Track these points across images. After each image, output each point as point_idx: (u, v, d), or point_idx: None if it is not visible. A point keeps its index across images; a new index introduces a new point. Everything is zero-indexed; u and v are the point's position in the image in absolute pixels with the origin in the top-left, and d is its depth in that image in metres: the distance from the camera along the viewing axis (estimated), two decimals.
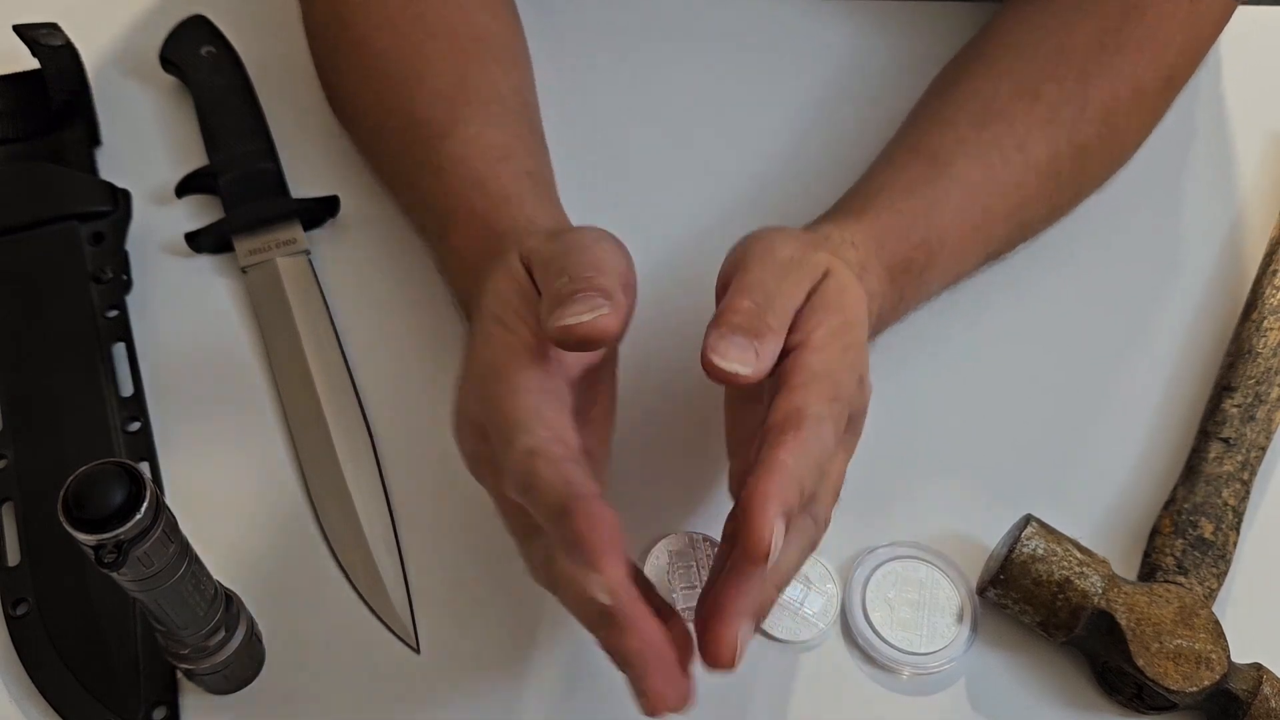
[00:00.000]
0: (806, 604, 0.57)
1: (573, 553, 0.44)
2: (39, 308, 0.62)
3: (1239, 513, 0.58)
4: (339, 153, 0.68)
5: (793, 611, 0.56)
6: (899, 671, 0.56)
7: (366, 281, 0.66)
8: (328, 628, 0.56)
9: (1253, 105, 0.72)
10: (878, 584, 0.57)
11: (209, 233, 0.66)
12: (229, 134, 0.69)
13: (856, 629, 0.56)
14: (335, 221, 0.68)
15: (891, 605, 0.57)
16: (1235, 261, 0.69)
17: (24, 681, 0.53)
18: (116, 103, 0.71)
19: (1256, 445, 0.59)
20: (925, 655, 0.56)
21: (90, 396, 0.59)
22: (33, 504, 0.57)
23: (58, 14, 0.69)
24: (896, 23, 0.77)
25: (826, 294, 0.50)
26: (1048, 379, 0.64)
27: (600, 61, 0.74)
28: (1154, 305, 0.67)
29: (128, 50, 0.73)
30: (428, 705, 0.54)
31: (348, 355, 0.63)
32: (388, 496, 0.59)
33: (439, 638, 0.56)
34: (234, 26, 0.73)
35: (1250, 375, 0.61)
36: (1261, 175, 0.72)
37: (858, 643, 0.56)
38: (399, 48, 0.63)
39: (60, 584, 0.55)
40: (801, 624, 0.56)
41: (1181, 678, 0.52)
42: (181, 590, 0.46)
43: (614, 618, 0.43)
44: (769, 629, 0.56)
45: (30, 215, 0.64)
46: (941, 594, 0.57)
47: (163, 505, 0.43)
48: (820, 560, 0.57)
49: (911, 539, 0.59)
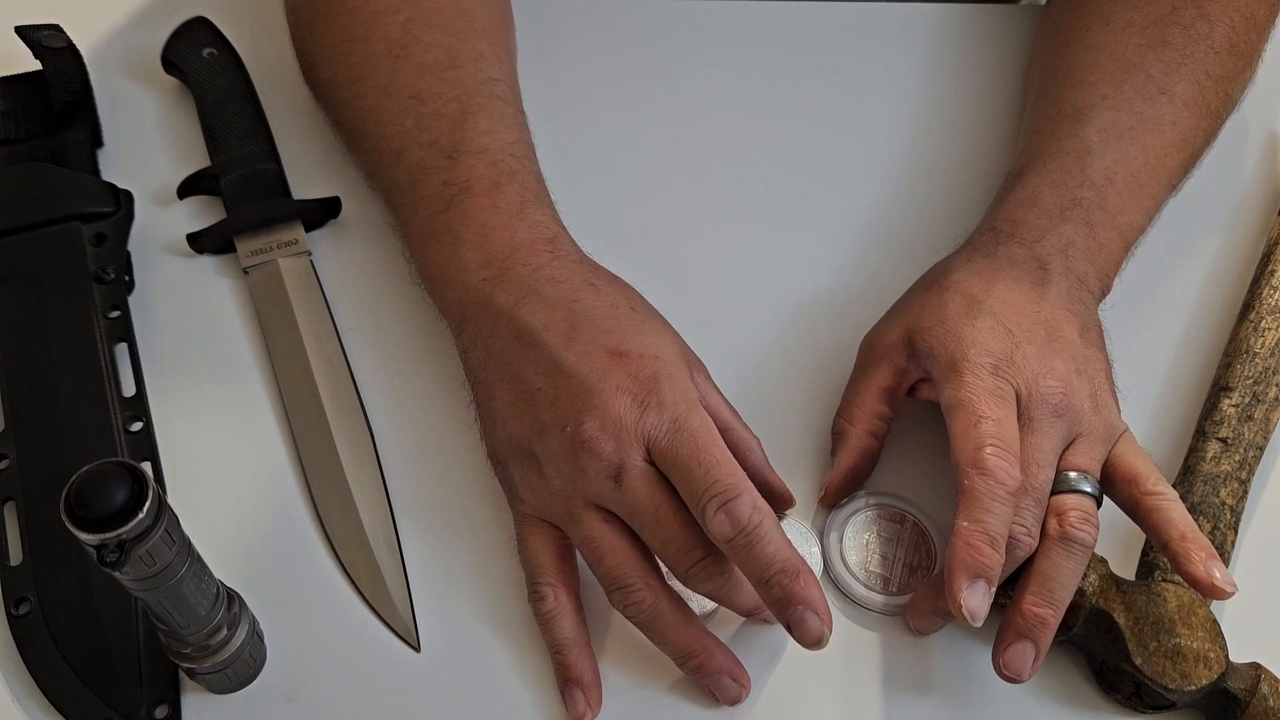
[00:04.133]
0: None
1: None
2: (41, 308, 0.62)
3: (1237, 512, 0.58)
4: (340, 154, 0.68)
5: None
6: (874, 613, 0.57)
7: (368, 282, 0.66)
8: (329, 626, 0.56)
9: (1252, 105, 0.72)
10: (854, 528, 0.59)
11: (211, 233, 0.66)
12: (231, 135, 0.69)
13: (834, 572, 0.58)
14: (337, 222, 0.68)
15: (867, 548, 0.58)
16: (1233, 261, 0.69)
17: (26, 680, 0.54)
18: (118, 104, 0.71)
19: (1254, 445, 0.60)
20: (900, 598, 0.57)
21: (92, 396, 0.60)
22: (35, 503, 0.57)
23: (60, 16, 0.69)
24: (897, 27, 0.77)
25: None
26: None
27: (597, 75, 0.74)
28: (1152, 305, 0.67)
29: (130, 52, 0.74)
30: (428, 705, 0.54)
31: (349, 356, 0.63)
32: (388, 496, 0.59)
33: (439, 637, 0.56)
34: (235, 28, 0.73)
35: (1248, 375, 0.61)
36: (1261, 175, 0.72)
37: (836, 585, 0.58)
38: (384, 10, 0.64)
39: (62, 583, 0.55)
40: None
41: (1179, 676, 0.52)
42: (183, 589, 0.47)
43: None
44: None
45: (32, 216, 0.64)
46: (917, 540, 0.59)
47: (165, 505, 0.43)
48: (800, 524, 0.59)
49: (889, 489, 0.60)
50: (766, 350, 0.64)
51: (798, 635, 0.51)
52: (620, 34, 0.76)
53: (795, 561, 0.50)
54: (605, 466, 0.51)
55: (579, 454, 0.52)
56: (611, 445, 0.51)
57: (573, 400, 0.52)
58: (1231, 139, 0.72)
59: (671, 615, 0.52)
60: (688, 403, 0.53)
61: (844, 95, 0.74)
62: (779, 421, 0.61)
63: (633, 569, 0.52)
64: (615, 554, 0.52)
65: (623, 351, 0.54)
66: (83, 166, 0.68)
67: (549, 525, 0.55)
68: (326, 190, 0.68)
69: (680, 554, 0.51)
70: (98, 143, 0.70)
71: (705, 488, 0.50)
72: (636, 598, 0.52)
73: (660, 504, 0.51)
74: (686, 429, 0.51)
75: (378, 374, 0.63)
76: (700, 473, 0.50)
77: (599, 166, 0.70)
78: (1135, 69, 0.64)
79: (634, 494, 0.51)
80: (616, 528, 0.53)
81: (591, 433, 0.52)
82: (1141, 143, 0.63)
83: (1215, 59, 0.65)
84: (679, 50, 0.76)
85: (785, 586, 0.50)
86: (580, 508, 0.53)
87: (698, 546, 0.51)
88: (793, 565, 0.50)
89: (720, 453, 0.51)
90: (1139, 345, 0.65)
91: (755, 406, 0.59)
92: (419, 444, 0.61)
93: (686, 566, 0.51)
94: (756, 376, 0.63)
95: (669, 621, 0.52)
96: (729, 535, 0.50)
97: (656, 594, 0.52)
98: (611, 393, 0.52)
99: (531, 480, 0.54)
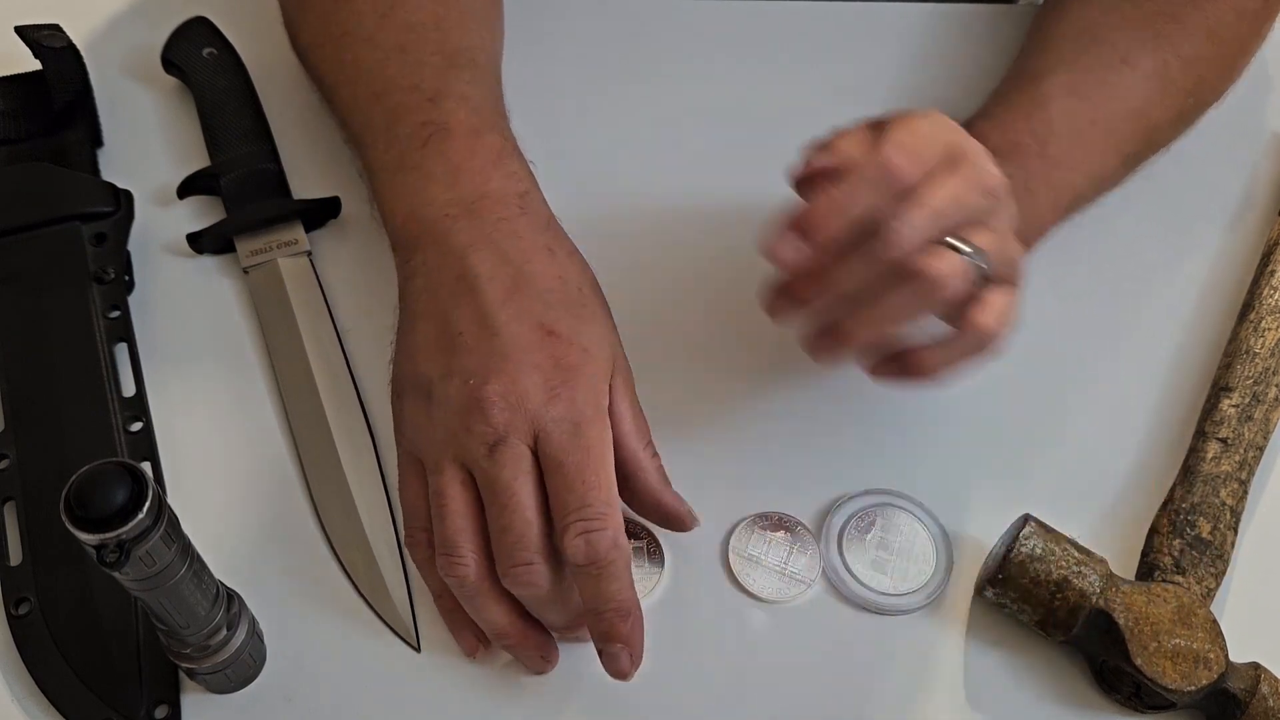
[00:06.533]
0: (790, 563, 0.58)
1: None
2: (41, 308, 0.62)
3: (1237, 512, 0.58)
4: (340, 154, 0.68)
5: (779, 572, 0.57)
6: (872, 611, 0.57)
7: (367, 282, 0.66)
8: (329, 626, 0.56)
9: (1253, 105, 0.72)
10: (854, 526, 0.59)
11: (211, 233, 0.66)
12: (231, 135, 0.69)
13: (833, 571, 0.58)
14: (336, 222, 0.68)
15: (866, 546, 0.58)
16: (1233, 261, 0.69)
17: (26, 680, 0.54)
18: (118, 104, 0.71)
19: (1254, 445, 0.60)
20: (899, 596, 0.57)
21: (92, 396, 0.60)
22: (35, 503, 0.57)
23: (60, 16, 0.69)
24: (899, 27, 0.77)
25: None
26: (1046, 378, 0.64)
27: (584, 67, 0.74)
28: (1152, 305, 0.67)
29: (130, 52, 0.74)
30: (428, 704, 0.54)
31: (349, 355, 0.63)
32: (389, 496, 0.59)
33: (439, 637, 0.56)
34: (235, 28, 0.73)
35: (1248, 375, 0.61)
36: (1261, 175, 0.72)
37: (833, 583, 0.58)
38: None
39: (62, 583, 0.55)
40: (788, 583, 0.57)
41: (1179, 676, 0.52)
42: (183, 589, 0.47)
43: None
44: (756, 591, 0.57)
45: (32, 216, 0.64)
46: (916, 537, 0.58)
47: (165, 505, 0.43)
48: (801, 523, 0.59)
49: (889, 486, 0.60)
50: (737, 346, 0.64)
51: (607, 666, 0.52)
52: (618, 30, 0.76)
53: (631, 603, 0.51)
54: (488, 432, 0.51)
55: (470, 410, 0.51)
56: (504, 416, 0.51)
57: (487, 358, 0.52)
58: (1232, 139, 0.72)
59: (491, 594, 0.52)
60: (595, 410, 0.52)
61: (844, 95, 0.74)
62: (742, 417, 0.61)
63: (467, 539, 0.51)
64: (457, 518, 0.52)
65: (554, 331, 0.53)
66: (83, 166, 0.68)
67: (424, 467, 0.54)
68: (326, 190, 0.68)
69: (513, 548, 0.51)
70: (98, 143, 0.70)
71: (576, 507, 0.50)
72: (460, 569, 0.51)
73: (520, 493, 0.51)
74: (583, 437, 0.51)
75: (377, 373, 0.63)
76: (579, 489, 0.50)
77: (588, 159, 0.70)
78: (1101, 40, 0.65)
79: (501, 470, 0.51)
80: (470, 494, 0.52)
81: (491, 396, 0.51)
82: (1092, 102, 0.63)
83: (1188, 40, 0.65)
84: (675, 48, 0.76)
85: (613, 624, 0.51)
86: (447, 460, 0.52)
87: (531, 549, 0.51)
88: (627, 607, 0.51)
89: (604, 476, 0.51)
90: (1139, 345, 0.65)
91: (731, 398, 0.59)
92: None
93: (512, 564, 0.51)
94: (724, 372, 0.63)
95: (487, 600, 0.52)
96: (581, 562, 0.50)
97: (481, 572, 0.52)
98: (526, 367, 0.52)
99: (417, 418, 0.54)
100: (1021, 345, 0.65)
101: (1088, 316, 0.66)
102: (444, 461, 0.52)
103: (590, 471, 0.51)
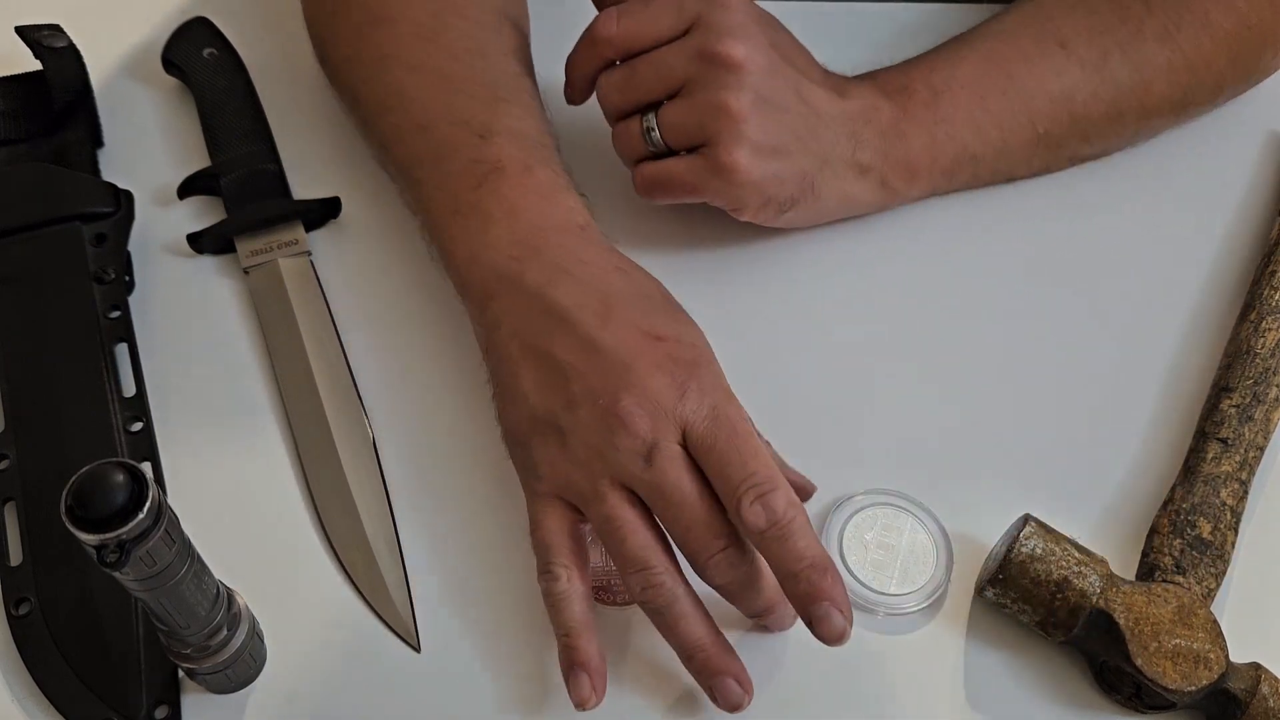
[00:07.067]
0: None
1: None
2: (41, 308, 0.62)
3: (1237, 513, 0.58)
4: (341, 154, 0.68)
5: None
6: (873, 612, 0.57)
7: (368, 282, 0.66)
8: (329, 627, 0.56)
9: (1253, 105, 0.72)
10: (855, 527, 0.59)
11: (211, 234, 0.66)
12: (231, 135, 0.69)
13: None
14: (337, 222, 0.68)
15: (866, 547, 0.58)
16: (1234, 261, 0.69)
17: (26, 680, 0.54)
18: (119, 104, 0.71)
19: (1254, 445, 0.60)
20: (899, 596, 0.57)
21: (92, 396, 0.60)
22: (35, 503, 0.57)
23: (60, 16, 0.69)
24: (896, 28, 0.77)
25: None
26: (1046, 379, 0.64)
27: None
28: (1152, 305, 0.67)
29: (130, 52, 0.74)
30: (428, 705, 0.54)
31: (349, 355, 0.63)
32: (388, 496, 0.59)
33: (439, 637, 0.56)
34: (235, 28, 0.73)
35: (1248, 375, 0.61)
36: (1261, 175, 0.72)
37: None
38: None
39: (62, 583, 0.55)
40: None
41: (1180, 677, 0.52)
42: (183, 589, 0.47)
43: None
44: None
45: (33, 216, 0.64)
46: (916, 537, 0.58)
47: (165, 505, 0.43)
48: None
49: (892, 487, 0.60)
50: (736, 346, 0.64)
51: (821, 630, 0.50)
52: None
53: (824, 558, 0.50)
54: (638, 444, 0.51)
55: (613, 429, 0.51)
56: (648, 423, 0.51)
57: (607, 375, 0.52)
58: (1232, 139, 0.72)
59: (687, 605, 0.52)
60: (724, 392, 0.53)
61: None
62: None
63: (656, 553, 0.51)
64: (638, 535, 0.51)
65: (659, 335, 0.54)
66: (83, 166, 0.68)
67: (565, 505, 0.54)
68: (326, 190, 0.68)
69: (704, 540, 0.51)
70: (98, 143, 0.70)
71: (743, 478, 0.50)
72: (657, 580, 0.51)
73: (690, 488, 0.51)
74: (725, 417, 0.51)
75: (377, 373, 0.63)
76: (739, 462, 0.50)
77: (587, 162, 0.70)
78: (1046, 23, 0.66)
79: (664, 475, 0.51)
80: (639, 510, 0.52)
81: (628, 408, 0.51)
82: (1008, 73, 0.64)
83: (1136, 40, 0.65)
84: None
85: (814, 581, 0.50)
86: (605, 484, 0.52)
87: (721, 535, 0.51)
88: (822, 561, 0.50)
89: (758, 444, 0.51)
90: (1139, 345, 0.65)
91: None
92: (419, 444, 0.61)
93: (709, 555, 0.51)
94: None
95: (683, 611, 0.52)
96: (763, 527, 0.49)
97: (676, 581, 0.51)
98: (650, 371, 0.52)
99: (553, 455, 0.53)
100: (1022, 345, 0.65)
101: (1088, 316, 0.66)
102: (601, 487, 0.52)
103: (743, 444, 0.51)
